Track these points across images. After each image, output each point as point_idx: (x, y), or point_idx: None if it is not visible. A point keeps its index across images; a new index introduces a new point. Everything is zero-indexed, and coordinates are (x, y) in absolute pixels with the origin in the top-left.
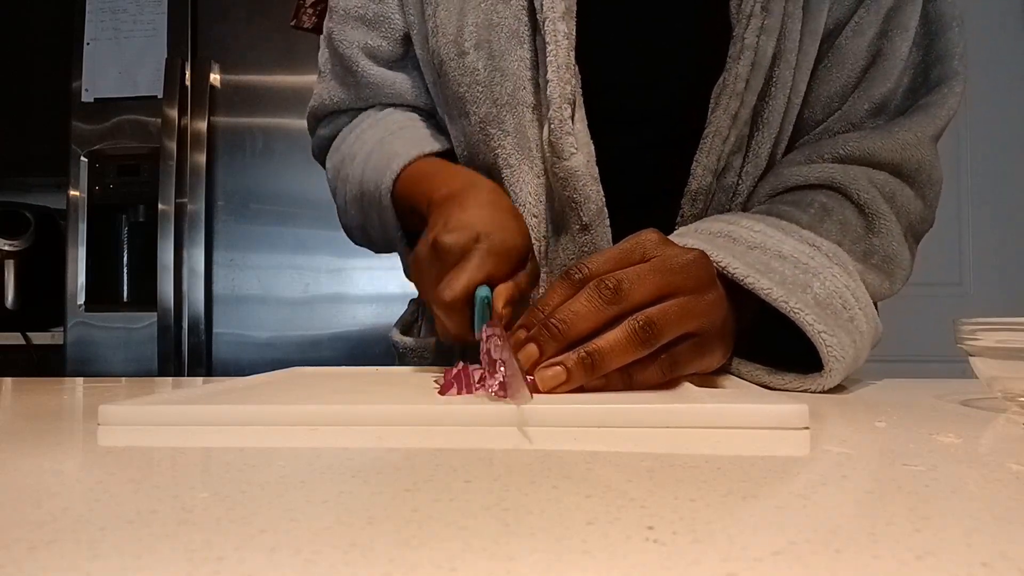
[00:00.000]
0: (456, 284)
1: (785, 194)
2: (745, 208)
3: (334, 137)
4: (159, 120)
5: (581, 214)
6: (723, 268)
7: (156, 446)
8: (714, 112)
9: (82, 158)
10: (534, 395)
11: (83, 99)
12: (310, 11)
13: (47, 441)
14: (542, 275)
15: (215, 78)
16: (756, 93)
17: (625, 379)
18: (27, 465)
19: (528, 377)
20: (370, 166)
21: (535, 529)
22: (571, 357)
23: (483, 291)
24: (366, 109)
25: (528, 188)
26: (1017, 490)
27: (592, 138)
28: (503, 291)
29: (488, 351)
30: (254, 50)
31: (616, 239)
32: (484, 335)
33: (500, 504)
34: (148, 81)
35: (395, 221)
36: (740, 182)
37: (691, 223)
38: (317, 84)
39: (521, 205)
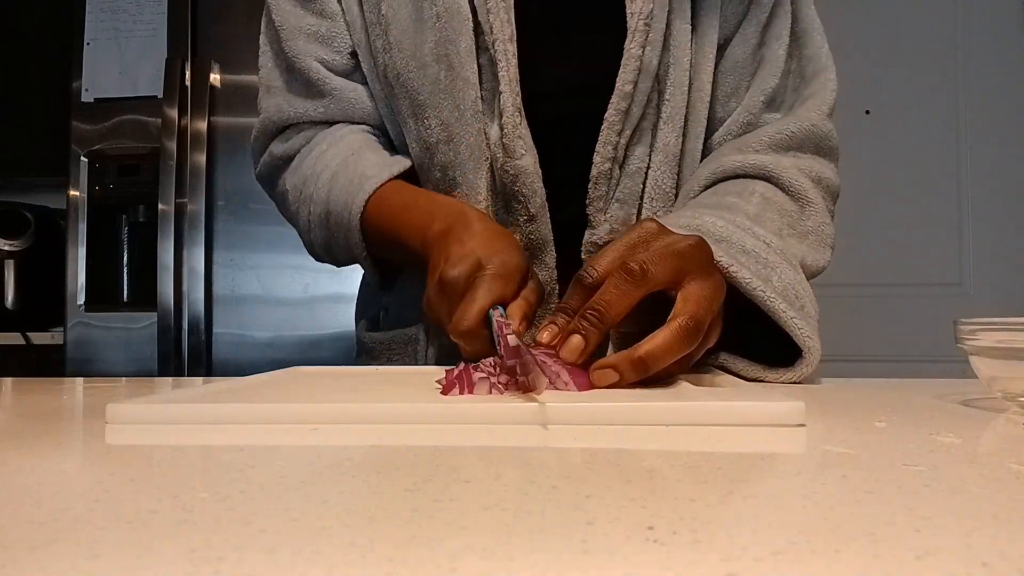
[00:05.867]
0: (470, 312)
1: (726, 182)
2: (677, 187)
3: (289, 156)
4: (159, 120)
5: (528, 206)
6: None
7: (162, 444)
8: (608, 110)
9: (82, 158)
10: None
11: (83, 99)
12: None
13: (47, 441)
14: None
15: (215, 78)
16: (646, 94)
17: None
18: (27, 465)
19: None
20: (338, 186)
21: (535, 529)
22: (624, 360)
23: (497, 312)
24: (322, 124)
25: (481, 183)
26: (1017, 490)
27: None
28: (516, 309)
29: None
30: (254, 50)
31: (555, 227)
32: (498, 329)
33: (500, 504)
34: (148, 81)
35: (361, 241)
36: (650, 169)
37: (597, 204)
38: (266, 99)
39: (476, 195)
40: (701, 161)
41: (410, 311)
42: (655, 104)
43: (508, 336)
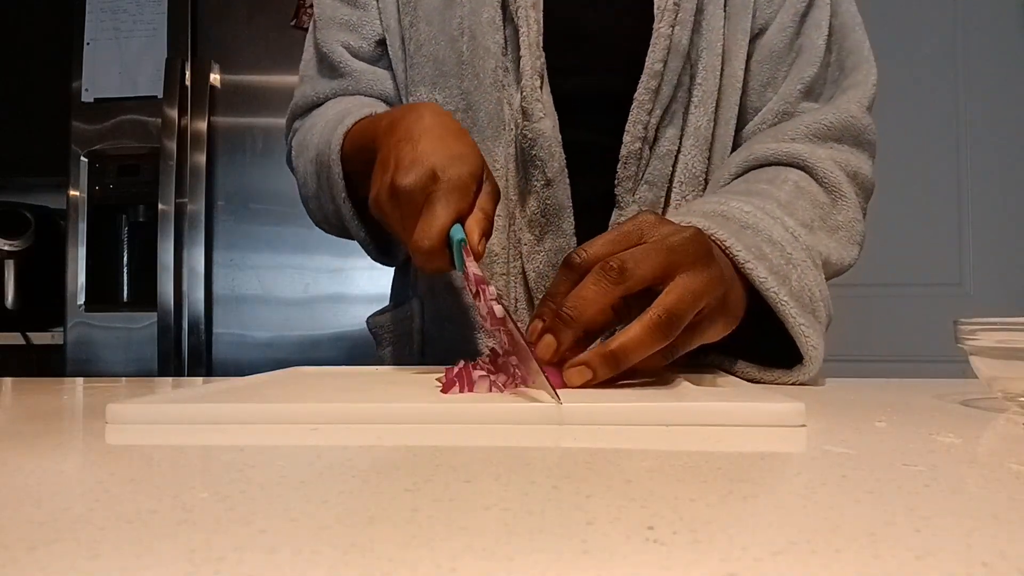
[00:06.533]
0: (431, 231)
1: (758, 170)
2: (707, 173)
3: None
4: (159, 120)
5: (546, 171)
6: (726, 248)
7: (162, 444)
8: (638, 89)
9: (82, 158)
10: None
11: (83, 99)
12: (310, 11)
13: (47, 441)
14: (517, 216)
15: (215, 78)
16: (676, 74)
17: (628, 369)
18: (28, 465)
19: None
20: (328, 129)
21: (535, 529)
22: (596, 356)
23: (457, 232)
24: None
25: (499, 149)
26: (1017, 490)
27: (556, 110)
28: (475, 226)
29: (490, 311)
30: (254, 50)
31: (575, 197)
32: (472, 280)
33: (500, 504)
34: (148, 81)
35: (340, 179)
36: (680, 152)
37: (626, 184)
38: (298, 89)
39: (492, 161)
40: (732, 149)
41: (408, 289)
42: (687, 87)
43: (495, 306)
